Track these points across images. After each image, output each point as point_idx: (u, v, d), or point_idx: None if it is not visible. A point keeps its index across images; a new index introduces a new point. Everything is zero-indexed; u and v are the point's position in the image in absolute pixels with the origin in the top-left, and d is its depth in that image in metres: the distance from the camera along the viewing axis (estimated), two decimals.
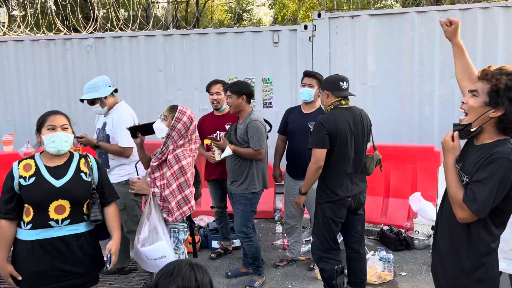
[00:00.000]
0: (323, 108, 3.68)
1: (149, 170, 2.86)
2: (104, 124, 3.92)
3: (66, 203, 2.42)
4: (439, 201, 3.03)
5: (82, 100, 3.87)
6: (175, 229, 2.81)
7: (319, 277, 4.00)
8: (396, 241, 4.79)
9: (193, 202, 2.83)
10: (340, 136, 3.28)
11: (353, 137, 3.35)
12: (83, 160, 2.58)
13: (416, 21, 6.45)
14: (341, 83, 3.36)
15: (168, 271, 1.54)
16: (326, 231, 3.41)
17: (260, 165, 3.94)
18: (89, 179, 2.53)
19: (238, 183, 3.89)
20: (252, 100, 4.38)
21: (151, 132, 3.02)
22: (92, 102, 3.80)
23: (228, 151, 3.71)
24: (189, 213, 2.80)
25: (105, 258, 2.60)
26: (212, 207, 4.72)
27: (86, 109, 7.52)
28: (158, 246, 2.67)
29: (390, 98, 6.62)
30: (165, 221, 2.78)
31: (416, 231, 4.96)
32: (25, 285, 2.42)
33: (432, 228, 4.74)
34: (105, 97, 3.76)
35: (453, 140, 2.08)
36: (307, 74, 4.14)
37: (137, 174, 2.93)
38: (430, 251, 4.67)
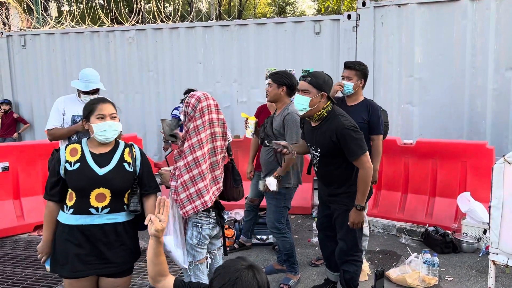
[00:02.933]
0: (305, 110, 3.03)
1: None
2: None
3: (107, 192, 2.41)
4: (493, 202, 2.78)
5: (85, 92, 3.78)
6: (198, 224, 2.66)
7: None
8: (442, 243, 4.49)
9: (207, 197, 2.59)
10: None
11: None
12: (127, 149, 2.55)
13: (469, 9, 6.03)
14: None
15: (230, 282, 1.52)
16: (359, 235, 3.22)
17: (296, 160, 3.76)
18: (132, 169, 2.50)
19: (270, 176, 3.72)
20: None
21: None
22: (95, 91, 3.82)
23: (274, 184, 3.56)
24: (202, 208, 2.59)
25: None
26: (246, 197, 4.63)
27: (128, 100, 7.68)
28: (165, 241, 2.55)
29: (438, 91, 6.25)
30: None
31: (464, 233, 4.63)
32: (62, 268, 2.43)
33: (485, 231, 4.42)
34: None
35: None
36: (345, 65, 3.89)
37: (168, 166, 2.83)
38: (480, 255, 4.40)
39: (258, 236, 4.79)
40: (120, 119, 2.58)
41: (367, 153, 3.01)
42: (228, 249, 4.49)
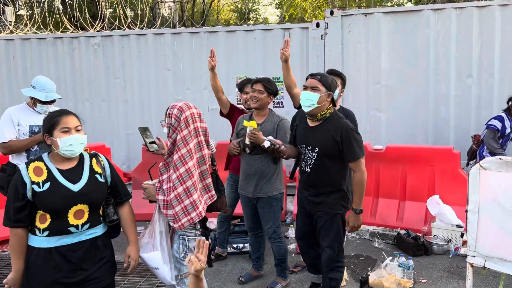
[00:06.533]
0: (312, 106, 3.07)
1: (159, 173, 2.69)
2: None
3: (85, 207, 2.31)
4: (469, 207, 2.88)
5: (43, 102, 3.64)
6: (184, 236, 2.62)
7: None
8: (414, 246, 4.62)
9: (200, 207, 2.59)
10: None
11: None
12: (94, 160, 2.44)
13: (432, 18, 6.29)
14: None
15: None
16: (342, 240, 3.28)
17: (281, 164, 3.82)
18: (103, 180, 2.42)
19: (265, 185, 3.67)
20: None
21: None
22: (52, 101, 3.70)
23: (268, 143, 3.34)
24: (197, 219, 2.58)
25: (125, 265, 2.53)
26: None
27: (93, 109, 7.47)
28: (152, 257, 2.55)
29: (404, 98, 6.46)
30: (173, 229, 2.63)
31: (434, 235, 4.78)
32: None
33: (462, 235, 4.57)
34: None
35: None
36: (332, 73, 3.96)
37: (151, 180, 2.76)
38: (450, 256, 4.55)
39: (234, 245, 4.75)
40: (84, 131, 2.43)
41: (364, 157, 3.12)
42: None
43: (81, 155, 2.43)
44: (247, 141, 3.41)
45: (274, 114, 3.78)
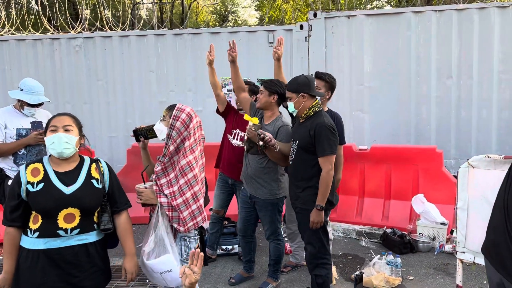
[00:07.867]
0: (295, 112, 3.32)
1: (154, 176, 2.67)
2: (37, 122, 3.75)
3: (76, 212, 2.27)
4: (459, 204, 2.96)
5: (31, 104, 3.63)
6: (186, 238, 2.65)
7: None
8: (401, 244, 4.70)
9: (204, 212, 2.67)
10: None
11: None
12: (94, 165, 2.41)
13: (413, 21, 6.43)
14: (314, 83, 3.37)
15: None
16: (323, 236, 3.30)
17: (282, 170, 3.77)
18: (100, 186, 2.37)
19: (262, 187, 3.66)
20: None
21: (154, 134, 2.87)
22: (40, 104, 3.70)
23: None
24: (202, 223, 2.64)
25: (122, 277, 2.51)
26: (210, 209, 4.56)
27: (75, 111, 7.32)
28: (164, 260, 2.52)
29: (387, 99, 6.57)
30: (175, 231, 2.62)
31: (419, 233, 4.88)
32: None
33: (452, 232, 4.68)
34: None
35: None
36: (315, 75, 4.00)
37: (144, 183, 2.73)
38: (435, 253, 4.65)
39: (224, 247, 4.74)
40: (83, 133, 2.43)
41: (334, 157, 3.16)
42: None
43: (82, 160, 2.41)
44: (245, 137, 3.43)
45: (279, 119, 3.67)
